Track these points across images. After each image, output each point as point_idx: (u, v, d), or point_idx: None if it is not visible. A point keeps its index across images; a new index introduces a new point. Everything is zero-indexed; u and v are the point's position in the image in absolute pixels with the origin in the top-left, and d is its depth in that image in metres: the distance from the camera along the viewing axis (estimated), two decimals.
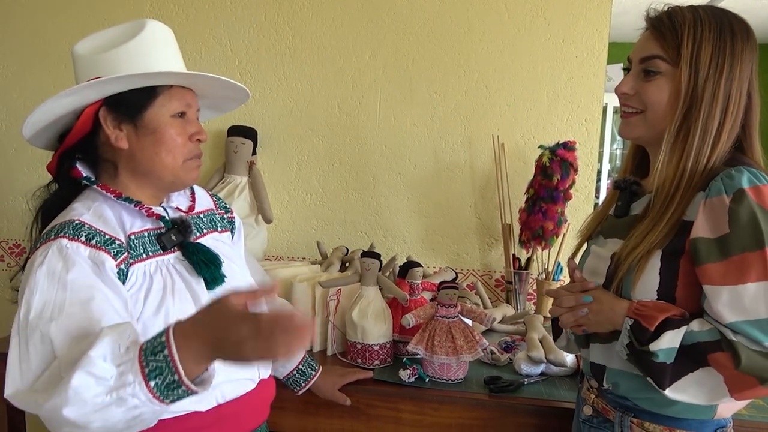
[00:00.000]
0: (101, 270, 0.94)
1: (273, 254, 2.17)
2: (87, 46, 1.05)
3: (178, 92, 1.06)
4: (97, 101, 1.02)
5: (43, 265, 0.92)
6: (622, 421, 1.07)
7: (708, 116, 0.99)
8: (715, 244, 0.94)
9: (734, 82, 0.99)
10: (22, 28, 2.20)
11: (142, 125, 1.03)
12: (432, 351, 1.41)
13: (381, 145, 2.09)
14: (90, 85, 0.98)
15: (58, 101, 0.99)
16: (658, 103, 1.03)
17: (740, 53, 0.99)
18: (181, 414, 1.01)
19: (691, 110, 1.00)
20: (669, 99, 1.02)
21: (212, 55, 2.12)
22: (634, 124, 1.07)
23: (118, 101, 1.02)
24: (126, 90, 1.01)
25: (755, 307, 0.91)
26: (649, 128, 1.06)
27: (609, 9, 1.93)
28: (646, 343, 0.95)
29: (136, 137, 1.03)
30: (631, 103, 1.07)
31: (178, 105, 1.06)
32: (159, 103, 1.04)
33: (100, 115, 1.02)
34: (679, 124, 1.01)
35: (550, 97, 1.99)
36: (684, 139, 1.00)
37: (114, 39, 1.04)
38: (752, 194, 0.92)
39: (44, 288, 0.90)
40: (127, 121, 1.03)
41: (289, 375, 1.37)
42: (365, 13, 2.04)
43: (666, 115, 1.02)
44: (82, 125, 1.02)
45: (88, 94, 1.00)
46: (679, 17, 1.01)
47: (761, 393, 0.93)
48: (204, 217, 1.19)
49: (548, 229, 1.88)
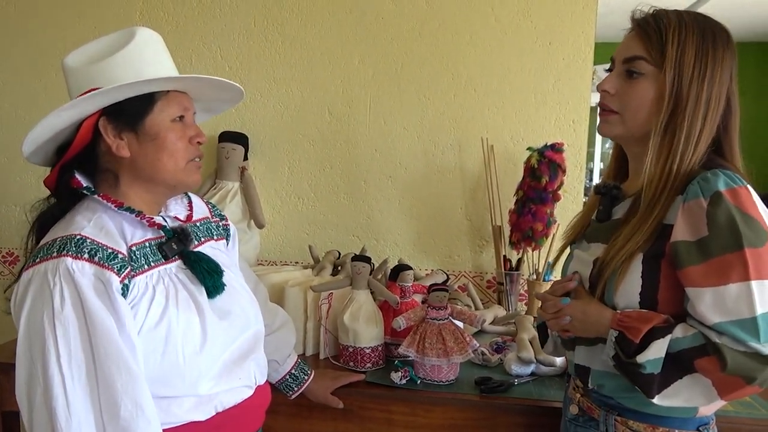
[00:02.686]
0: (108, 293, 0.94)
1: (265, 259, 2.18)
2: (78, 58, 1.05)
3: (176, 97, 1.07)
4: (95, 112, 1.02)
5: (53, 312, 0.91)
6: (606, 420, 1.09)
7: (692, 119, 1.00)
8: (696, 246, 0.95)
9: (715, 86, 1.01)
10: (13, 37, 2.21)
11: (143, 132, 1.03)
12: (423, 353, 1.43)
13: (371, 148, 2.10)
14: (90, 96, 0.98)
15: (57, 115, 0.99)
16: (639, 105, 1.04)
17: (721, 59, 1.01)
18: (180, 424, 1.02)
19: (676, 112, 1.01)
20: (650, 100, 1.03)
21: (202, 62, 2.13)
22: (611, 123, 1.08)
23: (117, 110, 1.02)
24: (124, 99, 1.02)
25: (738, 307, 0.92)
26: (626, 128, 1.07)
27: (594, 11, 1.96)
28: (632, 355, 0.96)
29: (137, 144, 1.04)
30: (609, 103, 1.08)
31: (176, 109, 1.06)
32: (158, 108, 1.04)
33: (100, 125, 1.02)
34: (665, 125, 1.02)
35: (538, 99, 2.01)
36: (670, 141, 1.01)
37: (105, 49, 1.04)
38: (729, 196, 0.94)
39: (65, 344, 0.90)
40: (127, 129, 1.03)
41: (282, 379, 1.38)
42: (353, 19, 2.06)
43: (647, 116, 1.04)
44: (82, 137, 1.02)
45: (88, 105, 1.00)
46: (665, 20, 1.03)
47: (748, 392, 0.94)
48: (201, 226, 1.19)
49: (538, 230, 1.89)
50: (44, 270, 0.93)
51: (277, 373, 1.38)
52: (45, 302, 0.91)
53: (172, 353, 0.99)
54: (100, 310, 0.92)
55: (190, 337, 1.01)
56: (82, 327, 0.91)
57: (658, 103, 1.02)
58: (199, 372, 1.01)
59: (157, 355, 0.98)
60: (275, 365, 1.37)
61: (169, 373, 0.99)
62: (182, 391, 1.01)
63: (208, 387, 1.03)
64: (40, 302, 0.92)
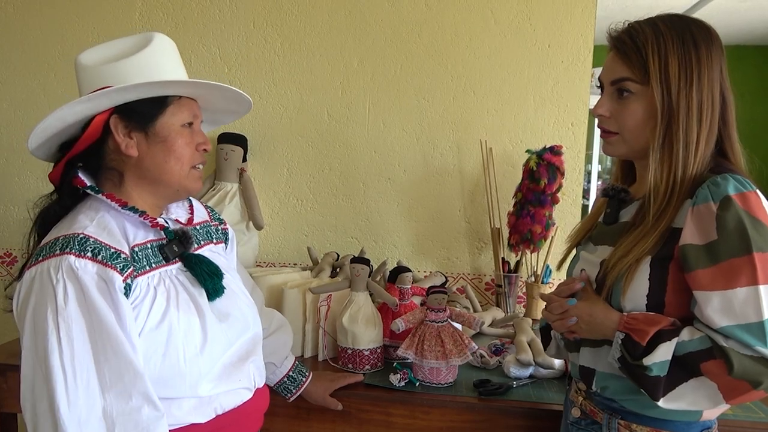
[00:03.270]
0: (110, 291, 0.94)
1: (264, 260, 2.18)
2: (93, 56, 1.06)
3: (187, 103, 1.09)
4: (106, 110, 1.02)
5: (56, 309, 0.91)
6: (609, 423, 1.09)
7: (687, 127, 1.00)
8: (704, 250, 0.95)
9: (704, 89, 1.01)
10: (12, 37, 2.21)
11: (153, 133, 1.05)
12: (422, 355, 1.43)
13: (370, 150, 2.10)
14: (106, 92, 0.99)
15: (71, 108, 0.99)
16: (636, 124, 1.04)
17: (706, 60, 1.01)
18: (180, 426, 1.02)
19: (671, 124, 1.01)
20: (645, 117, 1.03)
21: (202, 63, 2.13)
22: (614, 144, 1.09)
23: (129, 110, 1.03)
24: (137, 99, 1.03)
25: (745, 311, 0.92)
26: (630, 146, 1.08)
27: (593, 14, 1.96)
28: (639, 357, 0.96)
29: (146, 145, 1.05)
30: (607, 126, 1.08)
31: (187, 115, 1.08)
32: (170, 112, 1.06)
33: (111, 123, 1.03)
34: (662, 138, 1.02)
35: (537, 101, 2.02)
36: (669, 152, 1.02)
37: (122, 50, 1.05)
38: (738, 201, 0.94)
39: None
40: (138, 129, 1.04)
41: (280, 382, 1.38)
42: (353, 21, 2.06)
43: (644, 132, 1.04)
44: (91, 132, 1.02)
45: (103, 101, 1.01)
46: (641, 36, 1.02)
47: (754, 397, 0.94)
48: (201, 229, 1.20)
49: (536, 233, 1.90)
50: (47, 268, 0.93)
51: (274, 376, 1.38)
52: (48, 300, 0.91)
53: (173, 354, 0.99)
54: (104, 307, 0.92)
55: (190, 339, 1.01)
56: (86, 324, 0.91)
57: (653, 118, 1.03)
58: (200, 373, 1.02)
59: (158, 356, 0.98)
60: (273, 368, 1.37)
61: (169, 374, 0.99)
62: (183, 392, 1.01)
63: (209, 388, 1.04)
64: (43, 300, 0.92)
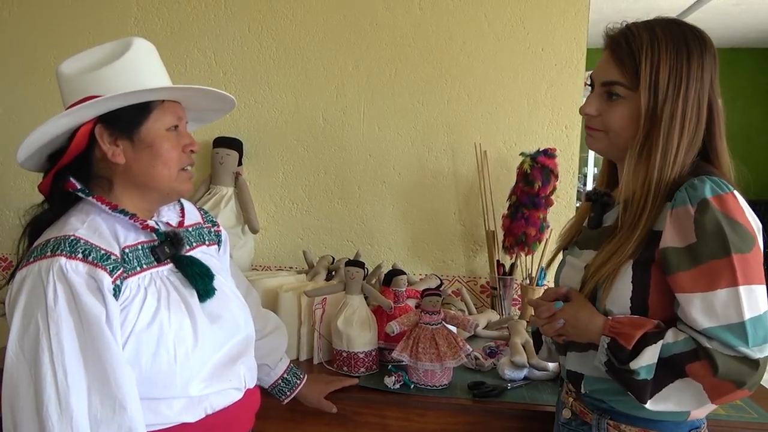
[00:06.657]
0: (101, 290, 0.95)
1: (260, 264, 2.18)
2: (73, 66, 1.06)
3: (170, 106, 1.09)
4: (91, 120, 1.03)
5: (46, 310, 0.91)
6: (599, 424, 1.10)
7: (668, 135, 1.01)
8: (684, 253, 0.96)
9: (690, 100, 1.01)
10: (7, 43, 2.21)
11: (139, 140, 1.05)
12: (416, 358, 1.43)
13: (365, 154, 2.11)
14: (89, 104, 1.00)
15: (55, 123, 1.00)
16: (621, 126, 1.06)
17: (696, 71, 1.01)
18: (170, 426, 1.03)
19: (652, 130, 1.02)
20: (630, 120, 1.04)
21: (197, 68, 2.14)
22: (597, 139, 1.10)
23: (113, 118, 1.03)
24: (120, 107, 1.03)
25: (727, 312, 0.93)
26: (612, 144, 1.09)
27: (586, 18, 1.97)
28: (625, 361, 0.97)
29: (132, 152, 1.05)
30: (593, 125, 1.10)
31: (171, 119, 1.08)
32: (153, 117, 1.06)
33: (96, 132, 1.03)
34: (641, 144, 1.03)
35: (531, 104, 2.03)
36: (647, 158, 1.03)
37: (101, 58, 1.06)
38: (716, 203, 0.95)
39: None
40: (123, 136, 1.05)
41: (275, 384, 1.39)
42: (348, 25, 2.07)
43: (629, 134, 1.05)
44: (77, 144, 1.03)
45: (86, 113, 1.01)
46: (636, 40, 1.02)
47: (738, 396, 0.96)
48: (193, 231, 1.21)
49: (531, 235, 1.90)
50: (38, 269, 0.94)
51: (269, 378, 1.38)
52: (38, 301, 0.92)
53: (163, 354, 1.00)
54: (94, 307, 0.93)
55: (181, 339, 1.02)
56: (76, 325, 0.92)
57: (635, 122, 1.04)
58: (190, 373, 1.03)
59: (148, 355, 0.99)
60: (267, 369, 1.37)
61: (160, 373, 1.00)
62: (173, 392, 1.02)
63: (199, 389, 1.04)
64: (33, 301, 0.92)
